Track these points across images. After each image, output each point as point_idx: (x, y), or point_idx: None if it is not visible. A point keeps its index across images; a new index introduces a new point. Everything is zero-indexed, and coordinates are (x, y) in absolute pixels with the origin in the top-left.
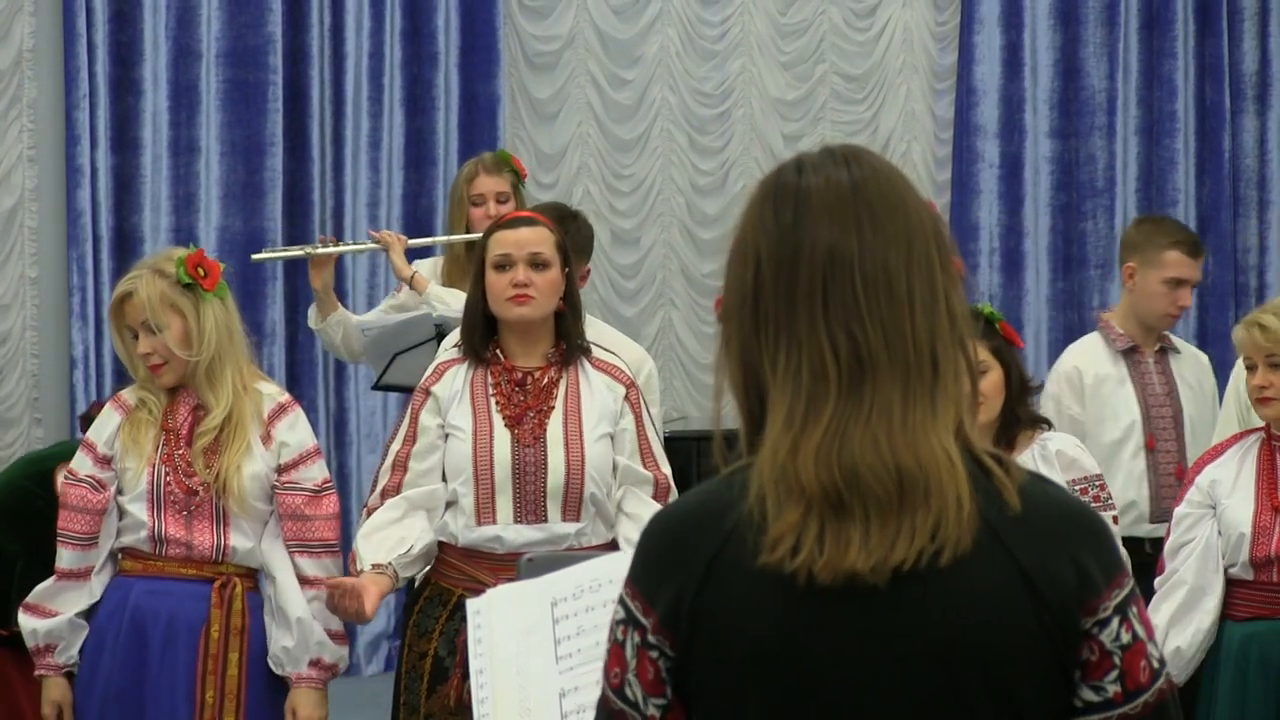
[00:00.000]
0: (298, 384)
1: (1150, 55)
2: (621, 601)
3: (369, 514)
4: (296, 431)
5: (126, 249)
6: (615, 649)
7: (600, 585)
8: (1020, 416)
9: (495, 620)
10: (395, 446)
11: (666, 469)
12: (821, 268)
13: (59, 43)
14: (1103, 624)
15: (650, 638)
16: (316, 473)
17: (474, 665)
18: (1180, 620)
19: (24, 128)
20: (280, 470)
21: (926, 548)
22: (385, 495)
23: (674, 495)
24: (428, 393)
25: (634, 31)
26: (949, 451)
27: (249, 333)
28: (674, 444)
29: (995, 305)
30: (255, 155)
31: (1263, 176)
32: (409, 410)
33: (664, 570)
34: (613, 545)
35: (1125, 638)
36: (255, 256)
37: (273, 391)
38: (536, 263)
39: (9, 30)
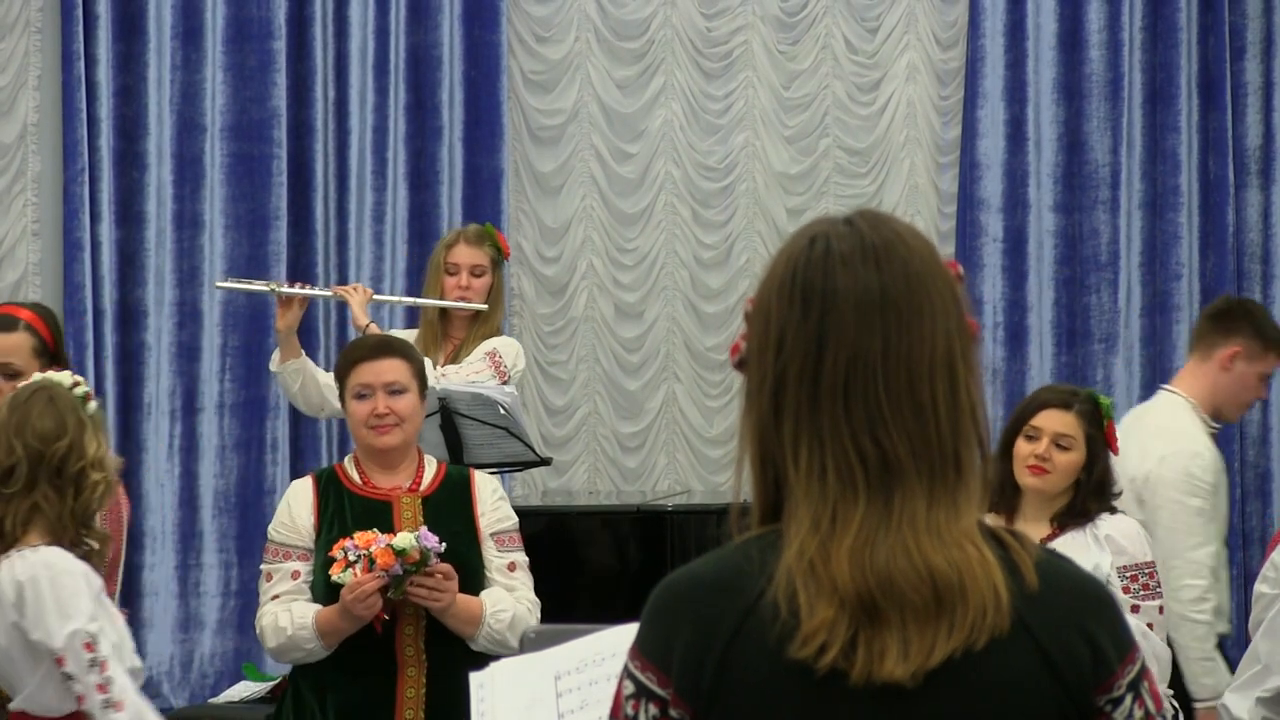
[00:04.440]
0: (301, 457)
1: (1154, 129)
2: (630, 676)
3: None
4: None
5: (130, 323)
6: None
7: (604, 659)
8: (1090, 511)
9: (498, 694)
10: None
11: None
12: (844, 371)
13: (61, 117)
14: (1116, 702)
15: (672, 711)
16: None
17: None
18: (1244, 689)
19: (28, 202)
20: None
21: (962, 643)
22: None
23: None
24: None
25: (638, 105)
26: (979, 546)
27: None
28: (678, 517)
29: (999, 380)
30: (259, 229)
31: (1267, 251)
32: None
33: (678, 638)
34: None
35: (1138, 714)
36: (219, 284)
37: None
38: None
39: (14, 105)
